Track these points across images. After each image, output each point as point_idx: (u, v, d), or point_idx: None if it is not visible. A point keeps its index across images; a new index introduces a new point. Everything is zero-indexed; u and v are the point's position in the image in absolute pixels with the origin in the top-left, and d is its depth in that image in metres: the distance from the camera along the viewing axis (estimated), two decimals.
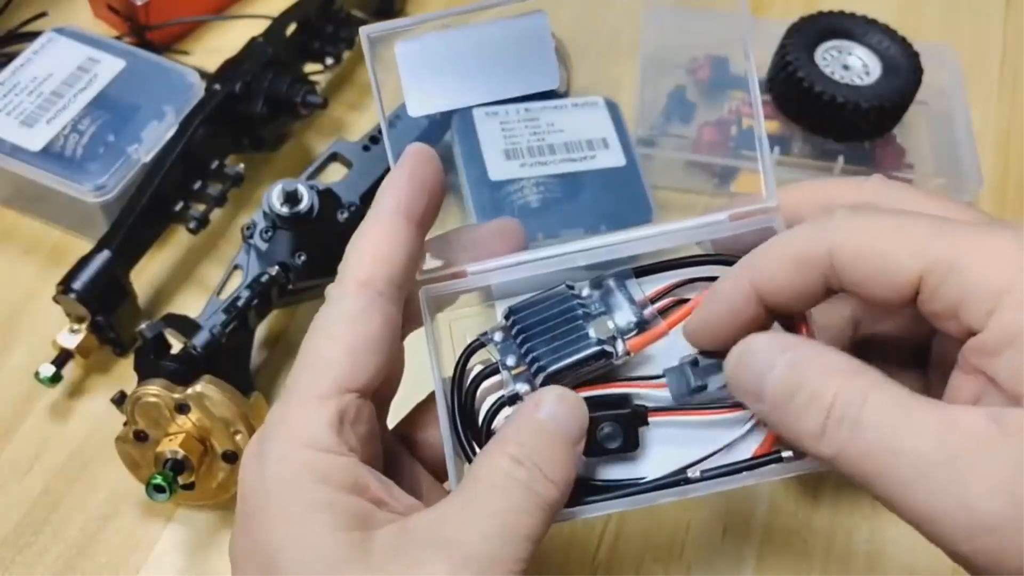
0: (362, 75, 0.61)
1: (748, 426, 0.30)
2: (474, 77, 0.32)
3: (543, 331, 0.31)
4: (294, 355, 0.48)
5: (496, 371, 0.32)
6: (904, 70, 0.54)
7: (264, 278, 0.45)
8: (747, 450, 0.30)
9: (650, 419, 0.31)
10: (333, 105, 0.59)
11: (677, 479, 0.30)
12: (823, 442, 0.25)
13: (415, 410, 0.34)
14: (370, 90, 0.60)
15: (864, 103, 0.53)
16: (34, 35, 0.56)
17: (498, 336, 0.32)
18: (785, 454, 0.29)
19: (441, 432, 0.30)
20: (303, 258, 0.46)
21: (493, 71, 0.32)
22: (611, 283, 0.33)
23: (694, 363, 0.31)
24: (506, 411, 0.31)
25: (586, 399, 0.30)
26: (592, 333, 0.31)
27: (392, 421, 0.33)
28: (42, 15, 0.60)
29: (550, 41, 0.32)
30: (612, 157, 0.51)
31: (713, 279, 0.31)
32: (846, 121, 0.53)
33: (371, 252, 0.29)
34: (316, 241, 0.46)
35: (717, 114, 0.57)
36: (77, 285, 0.45)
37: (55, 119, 0.51)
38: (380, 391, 0.30)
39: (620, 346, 0.31)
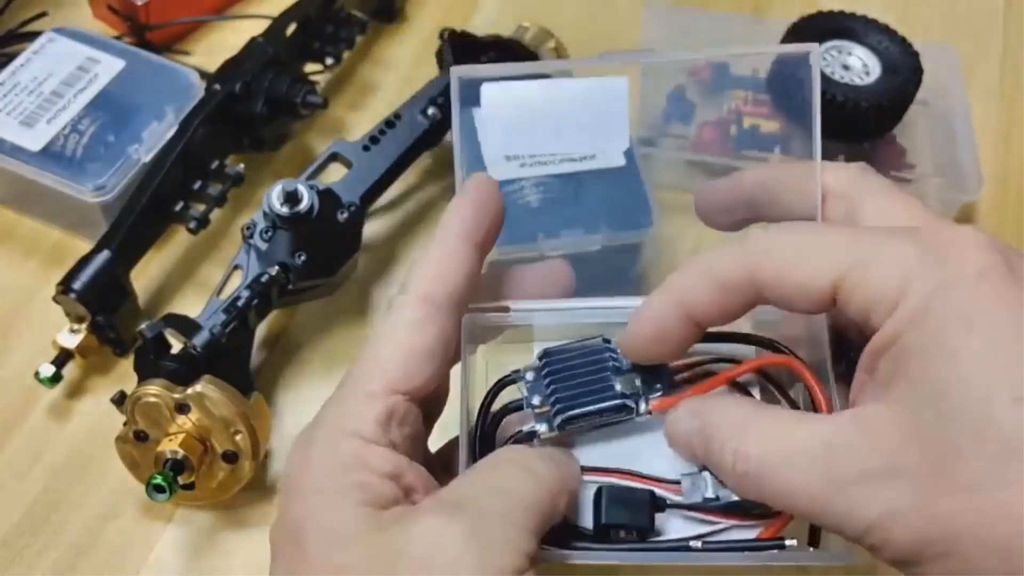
0: (362, 75, 0.61)
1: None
2: (549, 128, 0.34)
3: (571, 376, 0.32)
4: (294, 355, 0.49)
5: (522, 407, 0.32)
6: (904, 70, 0.54)
7: (264, 278, 0.45)
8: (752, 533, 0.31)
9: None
10: (333, 105, 0.59)
11: (679, 547, 0.30)
12: (740, 487, 0.28)
13: (456, 438, 0.34)
14: (370, 90, 0.61)
15: (864, 103, 0.53)
16: (34, 35, 0.56)
17: (530, 375, 0.33)
18: (788, 542, 0.29)
19: (459, 453, 0.31)
20: (303, 258, 0.46)
21: (567, 125, 0.34)
22: None
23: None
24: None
25: (605, 488, 0.31)
26: (618, 387, 0.32)
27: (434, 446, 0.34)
28: (42, 15, 0.60)
29: (626, 105, 0.34)
30: (612, 157, 0.51)
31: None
32: (846, 121, 0.53)
33: (433, 270, 0.31)
34: (316, 241, 0.46)
35: (717, 114, 0.57)
36: (77, 285, 0.45)
37: (55, 119, 0.51)
38: (426, 405, 0.31)
39: (643, 405, 0.32)
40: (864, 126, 0.54)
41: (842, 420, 0.27)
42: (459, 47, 0.54)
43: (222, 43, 0.60)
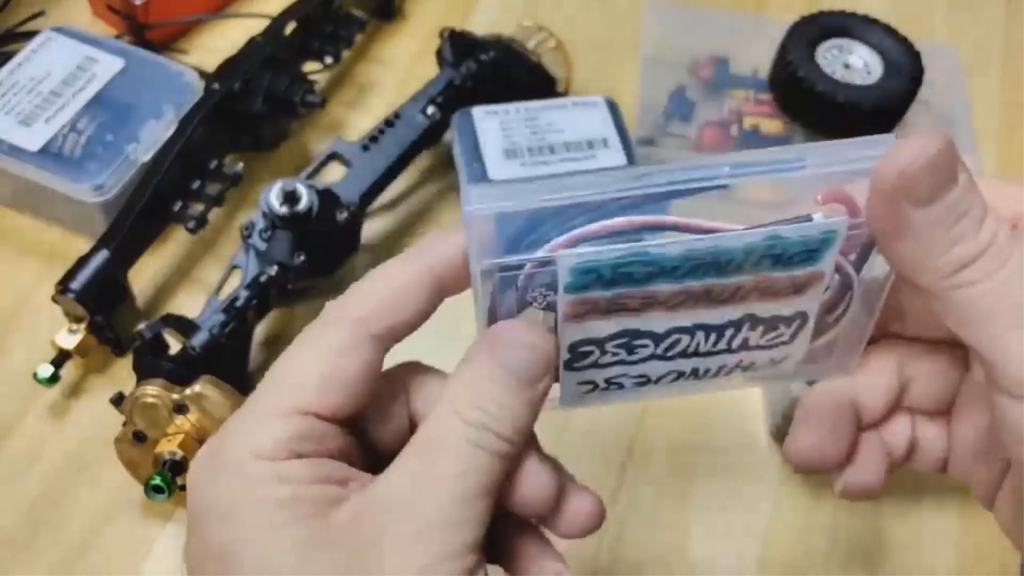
0: (360, 74, 0.61)
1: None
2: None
3: None
4: None
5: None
6: (905, 70, 0.54)
7: (263, 278, 0.45)
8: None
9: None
10: (332, 104, 0.59)
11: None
12: (968, 271, 0.24)
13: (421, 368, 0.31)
14: (369, 89, 0.60)
15: (865, 103, 0.52)
16: (32, 34, 0.56)
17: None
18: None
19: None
20: (302, 258, 0.46)
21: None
22: None
23: None
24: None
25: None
26: None
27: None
28: (40, 14, 0.60)
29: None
30: (612, 157, 0.51)
31: None
32: (847, 120, 0.53)
33: (383, 294, 0.28)
34: (315, 241, 0.46)
35: (718, 114, 0.57)
36: (75, 285, 0.45)
37: (54, 119, 0.51)
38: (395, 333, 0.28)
39: None
40: (865, 126, 0.54)
41: None
42: (459, 46, 0.54)
43: (221, 42, 0.60)
